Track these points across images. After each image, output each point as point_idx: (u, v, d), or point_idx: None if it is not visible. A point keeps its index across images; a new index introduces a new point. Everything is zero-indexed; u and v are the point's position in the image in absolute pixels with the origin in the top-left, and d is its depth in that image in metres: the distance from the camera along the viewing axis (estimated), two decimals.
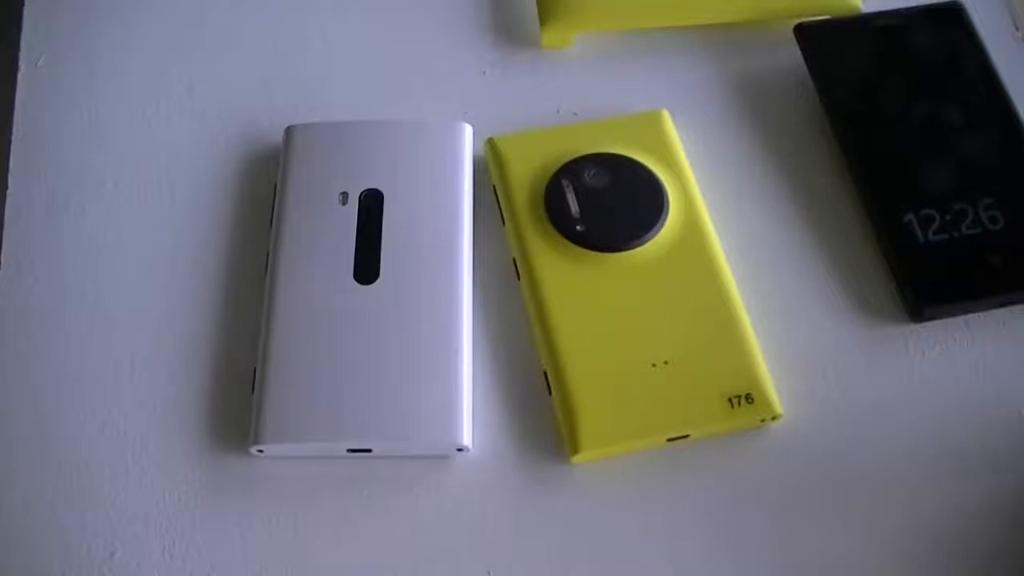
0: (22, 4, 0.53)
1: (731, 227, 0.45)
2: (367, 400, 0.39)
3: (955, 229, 0.44)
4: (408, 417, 0.39)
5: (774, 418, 0.40)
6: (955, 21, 0.49)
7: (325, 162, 0.45)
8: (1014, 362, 0.42)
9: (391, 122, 0.47)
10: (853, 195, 0.46)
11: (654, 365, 0.40)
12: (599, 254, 0.43)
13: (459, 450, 0.39)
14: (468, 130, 0.47)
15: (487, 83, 0.50)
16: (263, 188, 0.47)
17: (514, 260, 0.44)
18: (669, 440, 0.40)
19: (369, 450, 0.39)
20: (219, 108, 0.49)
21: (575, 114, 0.49)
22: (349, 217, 0.44)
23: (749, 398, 0.40)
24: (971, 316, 0.43)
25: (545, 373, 0.41)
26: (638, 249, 0.43)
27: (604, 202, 0.44)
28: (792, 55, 0.49)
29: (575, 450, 0.39)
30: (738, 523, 0.39)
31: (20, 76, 0.51)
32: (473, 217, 0.45)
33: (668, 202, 0.44)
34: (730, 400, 0.40)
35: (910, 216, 0.44)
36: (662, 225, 0.43)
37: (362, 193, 0.44)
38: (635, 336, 0.41)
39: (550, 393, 0.41)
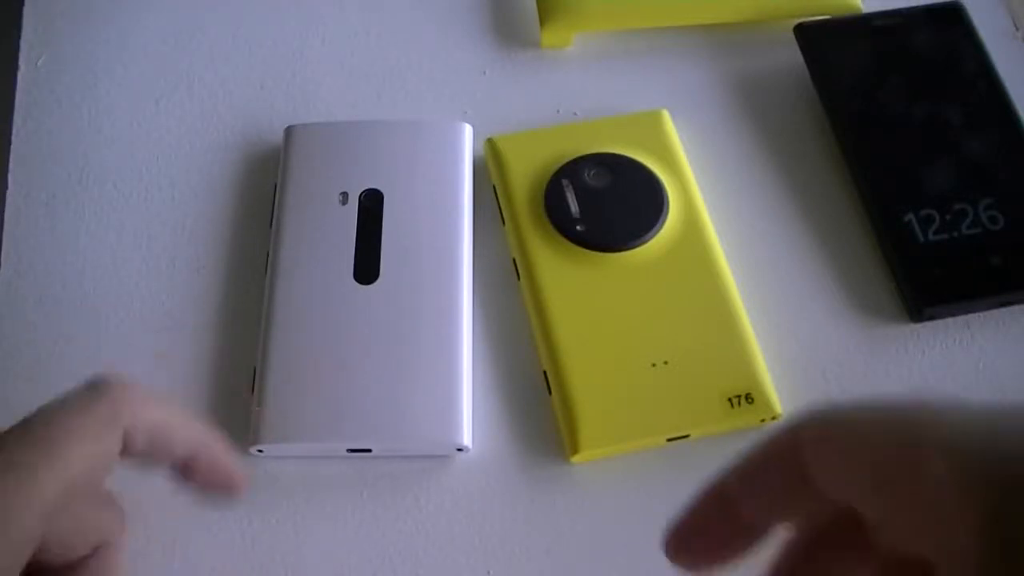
0: (22, 4, 0.53)
1: (731, 227, 0.45)
2: (367, 400, 0.39)
3: (955, 229, 0.44)
4: (408, 417, 0.39)
5: (774, 418, 0.40)
6: (955, 21, 0.49)
7: (325, 162, 0.45)
8: (1014, 362, 0.42)
9: (391, 122, 0.47)
10: (853, 195, 0.46)
11: (654, 365, 0.40)
12: (599, 254, 0.43)
13: (459, 450, 0.39)
14: (468, 130, 0.47)
15: (487, 83, 0.50)
16: (263, 188, 0.47)
17: (514, 260, 0.44)
18: (669, 440, 0.40)
19: (369, 450, 0.39)
20: (219, 108, 0.49)
21: (575, 114, 0.49)
22: (349, 217, 0.44)
23: (749, 398, 0.40)
24: (971, 316, 0.43)
25: (545, 373, 0.41)
26: (638, 249, 0.43)
27: (604, 202, 0.44)
28: (792, 55, 0.49)
29: (575, 450, 0.39)
30: None
31: (20, 76, 0.51)
32: (473, 217, 0.45)
33: (668, 202, 0.44)
34: (730, 400, 0.40)
35: (910, 216, 0.44)
36: (662, 225, 0.43)
37: (362, 193, 0.44)
38: (635, 336, 0.41)
39: (550, 393, 0.41)
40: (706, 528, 0.23)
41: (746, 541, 0.22)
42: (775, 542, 0.23)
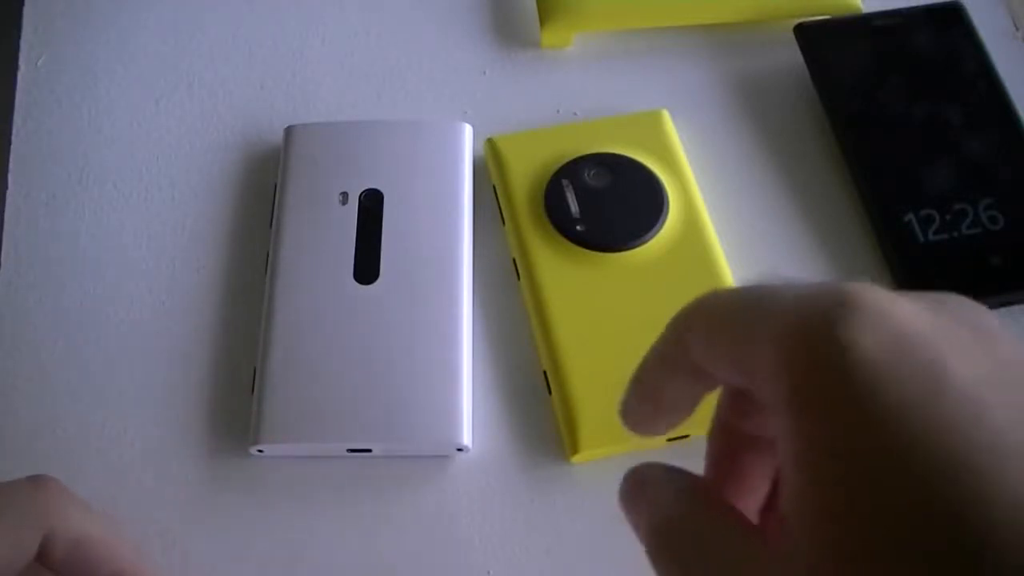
0: (22, 4, 0.53)
1: (731, 227, 0.45)
2: (367, 400, 0.39)
3: (955, 229, 0.44)
4: (408, 417, 0.39)
5: None
6: (955, 21, 0.49)
7: (325, 162, 0.45)
8: None
9: (391, 122, 0.47)
10: (853, 195, 0.46)
11: None
12: (599, 254, 0.43)
13: (459, 450, 0.39)
14: (468, 130, 0.47)
15: (487, 83, 0.50)
16: (263, 188, 0.47)
17: (514, 260, 0.44)
18: (669, 440, 0.40)
19: (369, 450, 0.39)
20: (219, 108, 0.49)
21: (575, 114, 0.49)
22: (349, 217, 0.44)
23: None
24: None
25: (545, 373, 0.41)
26: (638, 249, 0.43)
27: (604, 202, 0.44)
28: (792, 55, 0.49)
29: (575, 450, 0.39)
30: None
31: (20, 76, 0.51)
32: (473, 217, 0.45)
33: (668, 202, 0.44)
34: None
35: (910, 216, 0.44)
36: (662, 225, 0.43)
37: (362, 193, 0.44)
38: (635, 336, 0.41)
39: (550, 393, 0.41)
40: (640, 406, 0.27)
41: (673, 415, 0.26)
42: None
